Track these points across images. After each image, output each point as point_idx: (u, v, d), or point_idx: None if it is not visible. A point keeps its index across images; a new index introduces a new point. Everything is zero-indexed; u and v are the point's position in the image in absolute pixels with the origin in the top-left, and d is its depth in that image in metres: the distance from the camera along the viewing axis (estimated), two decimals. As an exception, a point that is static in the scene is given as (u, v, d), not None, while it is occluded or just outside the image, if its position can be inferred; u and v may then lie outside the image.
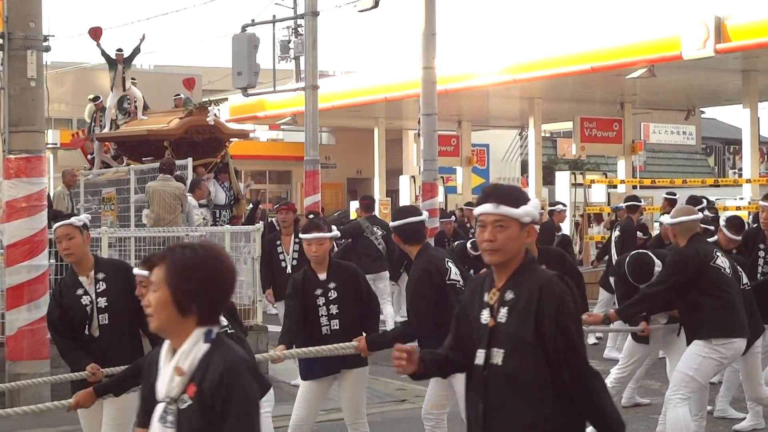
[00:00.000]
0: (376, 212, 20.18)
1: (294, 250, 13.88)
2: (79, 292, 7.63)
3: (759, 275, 11.18)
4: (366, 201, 19.01)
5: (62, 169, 19.33)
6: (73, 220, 7.72)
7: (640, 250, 10.73)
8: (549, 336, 4.71)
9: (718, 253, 9.01)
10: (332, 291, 8.47)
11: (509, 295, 4.84)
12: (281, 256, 14.05)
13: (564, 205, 19.51)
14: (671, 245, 10.40)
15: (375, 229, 17.48)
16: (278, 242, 14.12)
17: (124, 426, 7.63)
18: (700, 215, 9.32)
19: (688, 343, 9.06)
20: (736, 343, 8.92)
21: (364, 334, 8.35)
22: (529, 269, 4.90)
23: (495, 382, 4.81)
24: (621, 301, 10.39)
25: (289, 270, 13.54)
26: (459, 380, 8.29)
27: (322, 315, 8.47)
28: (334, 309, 8.47)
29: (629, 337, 10.77)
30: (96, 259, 7.80)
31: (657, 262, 9.77)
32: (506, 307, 4.82)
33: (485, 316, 4.90)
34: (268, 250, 14.08)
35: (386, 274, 17.63)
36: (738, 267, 9.84)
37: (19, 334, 12.19)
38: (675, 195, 20.51)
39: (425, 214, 8.65)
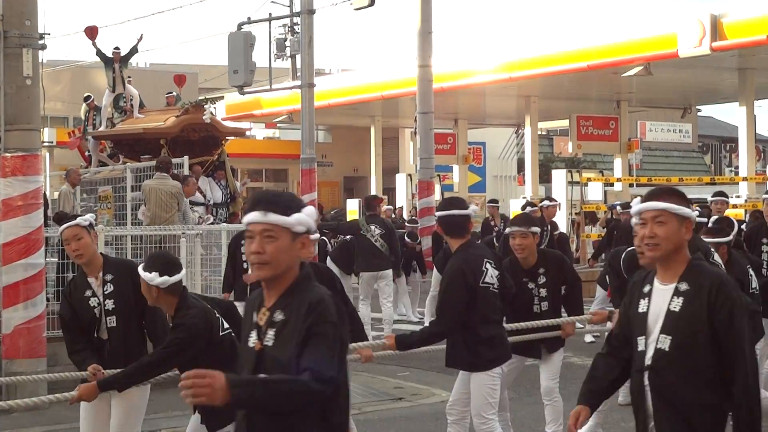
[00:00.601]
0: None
1: None
2: (88, 293, 7.54)
3: (764, 270, 11.10)
4: (367, 200, 19.01)
5: (67, 168, 19.28)
6: (79, 220, 7.64)
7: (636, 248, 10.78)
8: None
9: (716, 258, 8.92)
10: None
11: (278, 316, 4.41)
12: (244, 257, 13.79)
13: (553, 200, 19.43)
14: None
15: (373, 227, 17.40)
16: (242, 242, 13.76)
17: (132, 426, 7.61)
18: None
19: None
20: None
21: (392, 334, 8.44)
22: (302, 287, 4.45)
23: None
24: (614, 293, 10.39)
25: (250, 272, 13.34)
26: (477, 378, 8.31)
27: None
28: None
29: None
30: (105, 260, 7.70)
31: None
32: (274, 330, 4.39)
33: (253, 338, 4.47)
34: (233, 250, 13.27)
35: (389, 273, 17.40)
36: (750, 271, 9.75)
37: (15, 332, 12.17)
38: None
39: (472, 208, 8.52)
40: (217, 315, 7.00)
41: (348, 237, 18.28)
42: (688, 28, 25.61)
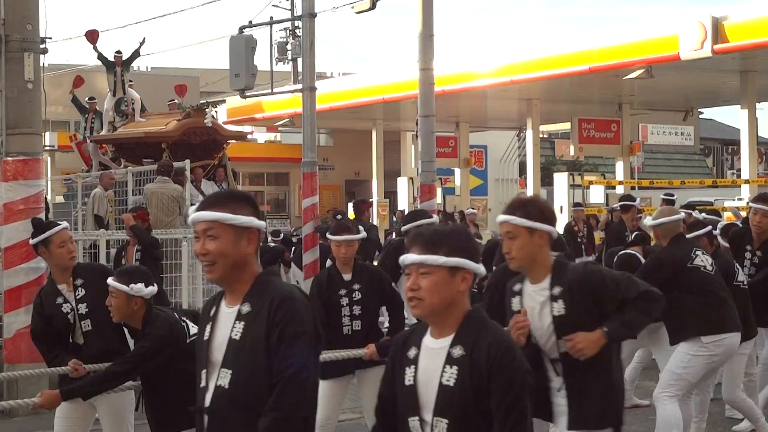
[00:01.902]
0: (374, 214, 20.15)
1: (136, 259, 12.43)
2: (59, 300, 7.57)
3: (746, 276, 11.05)
4: (354, 204, 19.15)
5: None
6: (65, 224, 7.74)
7: (629, 251, 10.89)
8: None
9: (698, 253, 8.90)
10: (356, 292, 8.56)
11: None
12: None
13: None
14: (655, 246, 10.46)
15: None
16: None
17: (125, 420, 7.62)
18: (681, 215, 9.25)
19: (671, 342, 9.03)
20: (727, 339, 8.83)
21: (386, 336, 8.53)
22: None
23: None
24: None
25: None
26: None
27: (344, 315, 8.57)
28: (357, 310, 8.57)
29: None
30: (75, 265, 7.73)
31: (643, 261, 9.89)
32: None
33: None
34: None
35: None
36: (734, 263, 9.86)
37: (17, 336, 12.18)
38: (673, 196, 20.49)
39: (435, 218, 8.67)
40: (183, 323, 6.97)
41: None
42: (689, 31, 25.57)
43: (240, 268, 4.50)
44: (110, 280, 7.00)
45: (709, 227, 10.16)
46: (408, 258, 4.36)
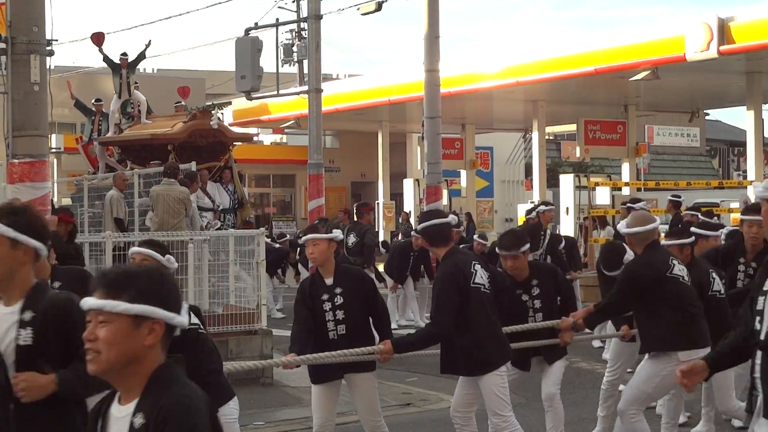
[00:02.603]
0: (380, 216, 20.20)
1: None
2: None
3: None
4: (356, 207, 19.19)
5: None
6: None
7: (616, 241, 10.91)
8: None
9: (674, 261, 8.65)
10: (338, 296, 8.47)
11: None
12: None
13: (549, 204, 19.26)
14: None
15: (351, 237, 17.71)
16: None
17: None
18: (656, 223, 8.82)
19: (641, 351, 8.79)
20: (700, 354, 8.65)
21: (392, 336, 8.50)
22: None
23: None
24: (602, 292, 10.41)
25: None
26: (486, 380, 8.33)
27: (329, 320, 8.48)
28: (340, 314, 8.47)
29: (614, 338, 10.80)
30: (53, 269, 7.61)
31: (629, 251, 9.79)
32: None
33: None
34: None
35: None
36: (709, 273, 9.64)
37: (23, 338, 12.16)
38: (680, 197, 20.45)
39: (451, 218, 8.62)
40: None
41: None
42: (695, 32, 25.57)
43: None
44: (142, 249, 7.01)
45: (692, 239, 9.92)
46: (86, 303, 3.62)
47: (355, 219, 19.07)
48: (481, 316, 8.24)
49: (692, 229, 11.43)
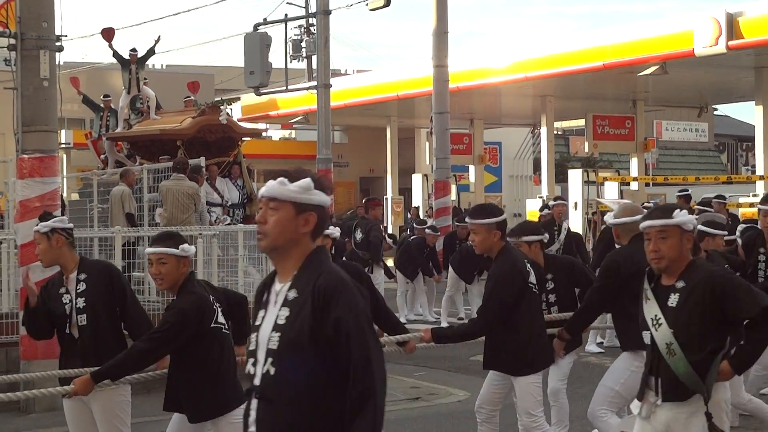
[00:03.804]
0: (389, 211, 20.22)
1: None
2: (62, 290, 7.68)
3: (761, 279, 10.95)
4: (365, 202, 19.25)
5: (122, 169, 19.24)
6: (39, 226, 7.84)
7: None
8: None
9: None
10: None
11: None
12: None
13: (561, 199, 19.24)
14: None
15: (358, 232, 17.79)
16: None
17: (118, 418, 7.63)
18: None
19: (623, 349, 8.51)
20: None
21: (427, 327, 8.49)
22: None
23: None
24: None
25: None
26: (524, 380, 8.26)
27: None
28: None
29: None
30: (81, 260, 7.82)
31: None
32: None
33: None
34: None
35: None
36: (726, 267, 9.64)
37: (33, 333, 12.22)
38: (688, 191, 20.46)
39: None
40: (215, 306, 7.02)
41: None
42: (703, 27, 25.57)
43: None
44: (155, 248, 7.10)
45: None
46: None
47: (365, 215, 19.09)
48: (531, 317, 8.18)
49: (699, 227, 11.45)
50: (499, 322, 8.02)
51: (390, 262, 20.80)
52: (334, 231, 8.78)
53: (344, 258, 15.70)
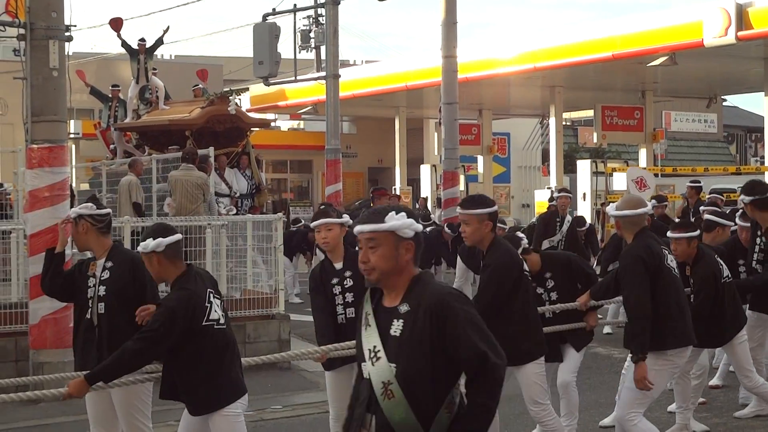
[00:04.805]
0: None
1: None
2: (89, 274, 7.73)
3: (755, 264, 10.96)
4: (372, 192, 19.24)
5: (131, 160, 19.26)
6: (70, 212, 7.90)
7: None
8: None
9: (665, 251, 8.40)
10: (348, 279, 8.40)
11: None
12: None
13: (563, 190, 19.18)
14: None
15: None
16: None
17: (137, 409, 7.63)
18: (647, 208, 8.45)
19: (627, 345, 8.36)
20: (689, 349, 8.54)
21: None
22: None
23: None
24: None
25: None
26: (526, 369, 8.27)
27: (338, 303, 8.41)
28: (350, 297, 8.40)
29: None
30: (113, 248, 7.82)
31: None
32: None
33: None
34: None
35: None
36: (720, 261, 9.73)
37: (42, 322, 12.24)
38: (699, 183, 20.42)
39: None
40: (210, 301, 6.93)
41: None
42: (713, 18, 25.51)
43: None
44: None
45: (697, 232, 9.79)
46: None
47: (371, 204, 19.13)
48: (527, 305, 8.20)
49: (710, 217, 11.47)
50: (494, 311, 7.97)
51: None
52: (347, 219, 8.72)
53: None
